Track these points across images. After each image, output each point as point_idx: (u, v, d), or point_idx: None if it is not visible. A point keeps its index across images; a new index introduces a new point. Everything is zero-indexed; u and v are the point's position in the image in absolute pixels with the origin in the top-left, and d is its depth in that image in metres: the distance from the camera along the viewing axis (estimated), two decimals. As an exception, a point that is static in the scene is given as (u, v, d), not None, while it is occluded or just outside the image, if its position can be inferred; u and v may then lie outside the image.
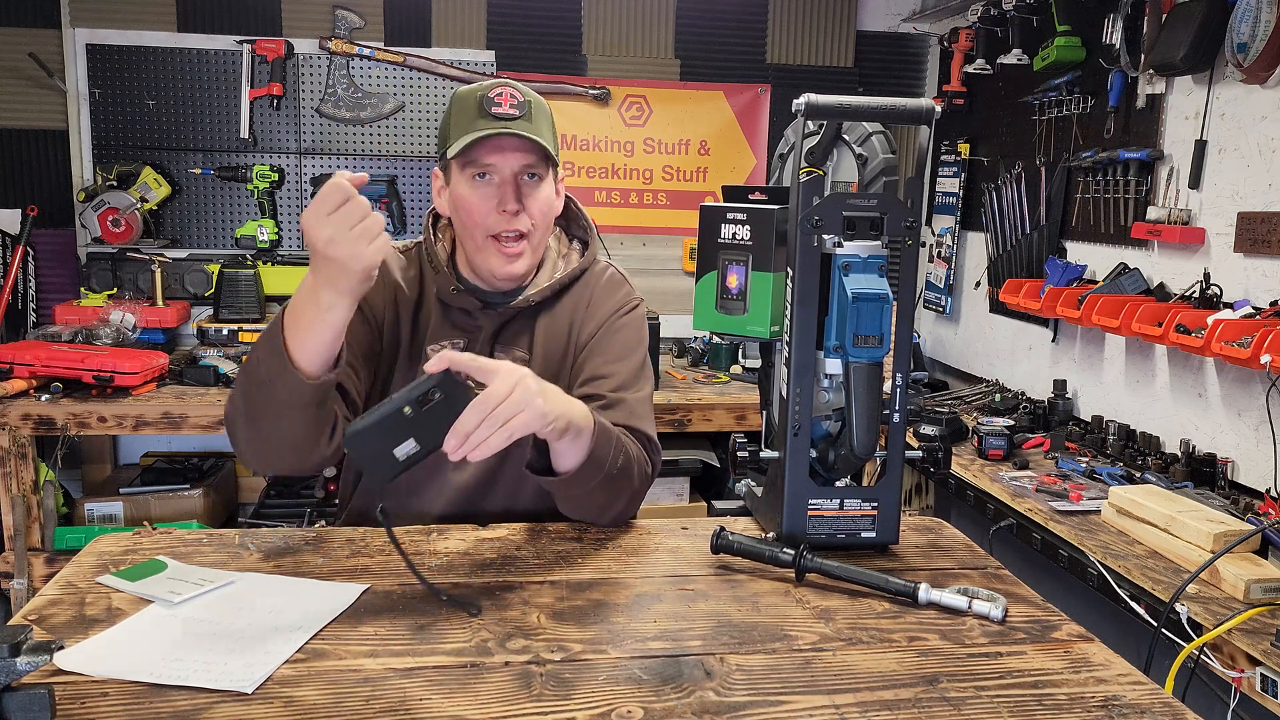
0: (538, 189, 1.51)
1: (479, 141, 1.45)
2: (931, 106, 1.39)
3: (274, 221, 3.53)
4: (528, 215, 1.50)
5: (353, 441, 1.17)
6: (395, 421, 1.16)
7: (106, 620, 1.15)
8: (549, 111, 1.55)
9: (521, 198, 1.48)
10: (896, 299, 1.38)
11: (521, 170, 1.49)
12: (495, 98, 1.46)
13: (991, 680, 1.07)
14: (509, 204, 1.47)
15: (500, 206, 1.48)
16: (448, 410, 1.17)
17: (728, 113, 3.84)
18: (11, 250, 3.38)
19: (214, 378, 3.00)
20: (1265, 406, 2.17)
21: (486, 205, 1.48)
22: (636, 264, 3.84)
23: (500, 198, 1.48)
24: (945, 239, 3.68)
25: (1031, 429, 2.82)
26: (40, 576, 2.86)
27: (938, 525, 1.58)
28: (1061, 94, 2.95)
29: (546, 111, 1.54)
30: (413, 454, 1.17)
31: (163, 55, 3.49)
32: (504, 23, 3.65)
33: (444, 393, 1.17)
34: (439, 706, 0.98)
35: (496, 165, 1.48)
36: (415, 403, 1.16)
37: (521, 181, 1.49)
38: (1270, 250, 2.20)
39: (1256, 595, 1.67)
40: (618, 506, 1.48)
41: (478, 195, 1.48)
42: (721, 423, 3.10)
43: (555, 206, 1.58)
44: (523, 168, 1.49)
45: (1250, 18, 2.17)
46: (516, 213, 1.48)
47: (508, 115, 1.46)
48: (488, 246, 1.50)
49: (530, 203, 1.50)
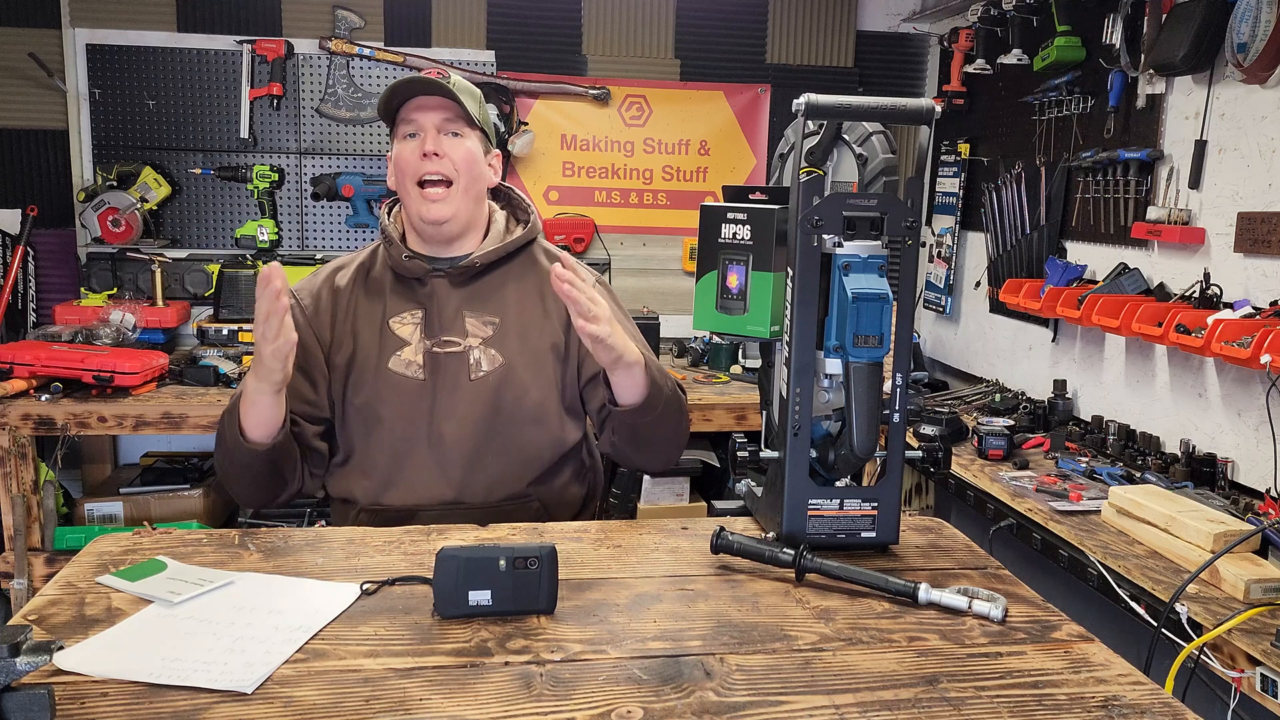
0: (458, 143, 1.69)
1: (404, 101, 1.68)
2: (931, 106, 1.39)
3: (274, 221, 3.53)
4: (449, 161, 1.67)
5: (442, 561, 1.18)
6: (485, 568, 1.18)
7: (106, 620, 1.16)
8: (478, 94, 1.75)
9: (441, 147, 1.67)
10: (896, 299, 1.38)
11: (442, 123, 1.68)
12: (425, 72, 1.69)
13: (991, 680, 1.07)
14: (427, 147, 1.66)
15: (420, 151, 1.66)
16: (534, 582, 1.19)
17: (728, 113, 3.84)
18: (11, 250, 3.38)
19: (214, 378, 3.00)
20: (1265, 406, 2.17)
21: (414, 155, 1.67)
22: (636, 264, 3.84)
23: (422, 145, 1.67)
24: (945, 239, 3.68)
25: (1031, 429, 2.82)
26: (40, 576, 2.86)
27: (938, 525, 1.58)
28: (1061, 94, 2.95)
29: (473, 90, 1.73)
30: (482, 604, 1.18)
31: (163, 55, 3.49)
32: (504, 23, 3.65)
33: (541, 565, 1.19)
34: (439, 706, 0.98)
35: (419, 120, 1.68)
36: (512, 561, 1.18)
37: (443, 133, 1.68)
38: (1270, 250, 2.20)
39: (1256, 595, 1.67)
40: (679, 435, 1.71)
41: (406, 149, 1.69)
42: (721, 423, 3.10)
43: (484, 171, 1.74)
44: (443, 121, 1.68)
45: (1250, 18, 2.17)
46: (437, 156, 1.66)
47: (430, 80, 1.66)
48: (415, 193, 1.68)
49: (450, 149, 1.68)
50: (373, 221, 3.62)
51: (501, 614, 1.19)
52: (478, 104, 1.73)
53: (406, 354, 1.68)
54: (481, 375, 1.68)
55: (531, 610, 1.19)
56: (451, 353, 1.68)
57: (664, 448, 1.70)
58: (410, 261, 1.70)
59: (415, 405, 1.67)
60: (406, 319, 1.70)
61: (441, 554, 1.18)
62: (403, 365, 1.68)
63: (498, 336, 1.70)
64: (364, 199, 3.59)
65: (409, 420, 1.67)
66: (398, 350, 1.68)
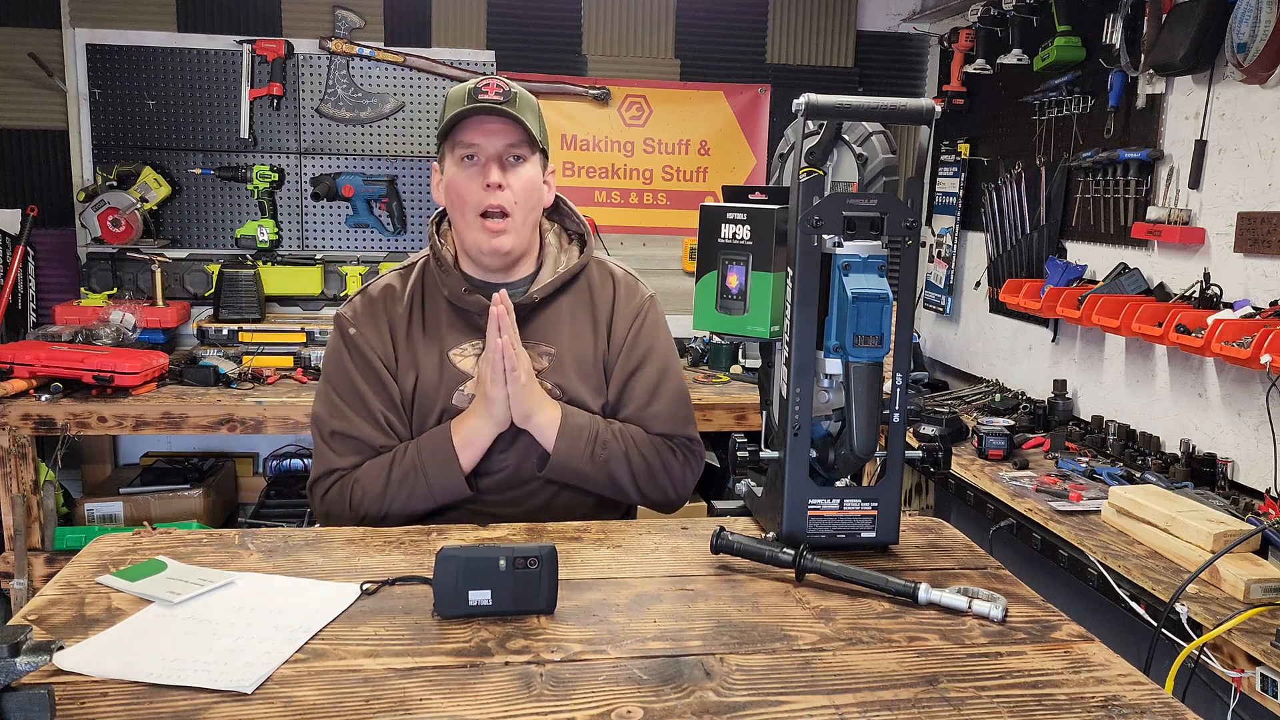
0: (520, 169, 1.61)
1: (465, 123, 1.58)
2: (931, 106, 1.39)
3: (274, 221, 3.53)
4: (510, 192, 1.59)
5: (442, 561, 1.18)
6: (486, 568, 1.18)
7: (106, 620, 1.15)
8: (536, 105, 1.65)
9: (504, 174, 1.58)
10: (896, 299, 1.38)
11: (505, 149, 1.59)
12: (483, 86, 1.58)
13: (991, 680, 1.07)
14: (491, 177, 1.57)
15: (484, 183, 1.58)
16: (534, 582, 1.19)
17: (728, 113, 3.84)
18: (11, 250, 3.38)
19: (214, 378, 3.00)
20: (1265, 406, 2.17)
21: (473, 183, 1.59)
22: (636, 264, 3.83)
23: (484, 174, 1.58)
24: (945, 239, 3.68)
25: (1031, 429, 2.82)
26: (40, 576, 2.86)
27: (938, 525, 1.58)
28: (1061, 94, 2.95)
29: (533, 103, 1.64)
30: (482, 605, 1.18)
31: (163, 55, 3.49)
32: (504, 23, 3.65)
33: (541, 565, 1.19)
34: (439, 706, 0.98)
35: (481, 145, 1.59)
36: (512, 561, 1.18)
37: (505, 161, 1.59)
38: (1270, 250, 2.20)
39: (1256, 595, 1.67)
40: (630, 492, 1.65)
41: (465, 174, 1.59)
42: (721, 423, 3.10)
43: (543, 194, 1.67)
44: (506, 147, 1.59)
45: (1250, 18, 2.17)
46: (500, 188, 1.58)
47: (493, 100, 1.57)
48: (476, 224, 1.60)
49: (513, 180, 1.59)
50: (373, 221, 3.62)
51: (501, 614, 1.19)
52: (539, 119, 1.64)
53: (469, 388, 1.63)
54: None
55: (531, 610, 1.19)
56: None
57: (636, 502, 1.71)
58: (470, 297, 1.63)
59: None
60: (467, 350, 1.65)
61: (441, 554, 1.18)
62: (466, 400, 1.62)
63: (554, 367, 1.66)
64: (364, 199, 3.59)
65: None
66: (460, 385, 1.63)
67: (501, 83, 1.59)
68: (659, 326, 1.76)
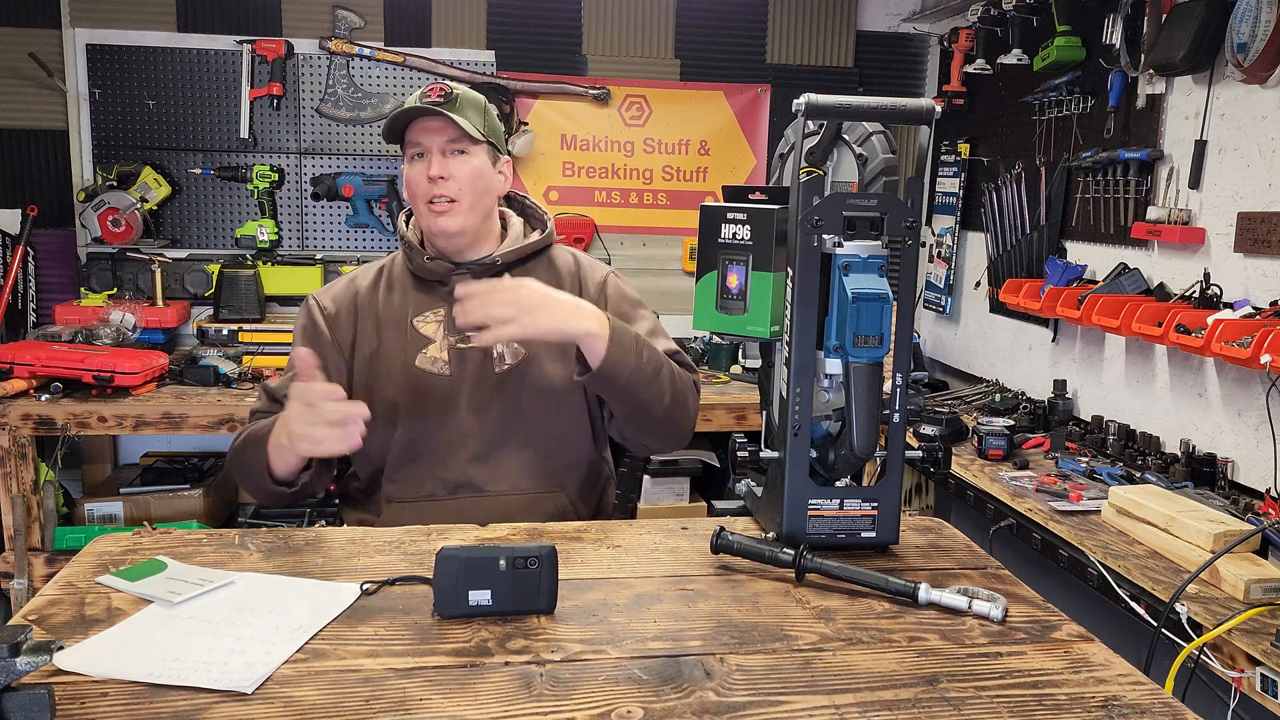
0: (463, 160, 1.72)
1: (411, 125, 1.71)
2: (931, 106, 1.39)
3: (274, 221, 3.53)
4: (454, 181, 1.70)
5: (442, 561, 1.18)
6: (485, 567, 1.18)
7: (106, 620, 1.16)
8: (481, 102, 1.76)
9: (446, 167, 1.70)
10: (896, 299, 1.38)
11: (445, 145, 1.71)
12: (427, 90, 1.70)
13: (991, 680, 1.07)
14: (433, 170, 1.70)
15: (426, 174, 1.70)
16: (534, 582, 1.19)
17: (728, 113, 3.84)
18: (11, 250, 3.38)
19: (214, 378, 3.00)
20: (1265, 406, 2.17)
21: (420, 176, 1.72)
22: (636, 264, 3.84)
23: (428, 168, 1.70)
24: (945, 239, 3.68)
25: (1031, 429, 2.82)
26: (40, 576, 2.86)
27: (938, 525, 1.58)
28: (1061, 94, 2.95)
29: (476, 101, 1.75)
30: (482, 605, 1.18)
31: (163, 55, 3.49)
32: (504, 23, 3.65)
33: (541, 565, 1.19)
34: (439, 706, 0.98)
35: (423, 143, 1.71)
36: (512, 561, 1.18)
37: (448, 155, 1.71)
38: (1270, 250, 2.20)
39: (1256, 595, 1.67)
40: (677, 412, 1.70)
41: (414, 170, 1.73)
42: (721, 423, 3.10)
43: (492, 182, 1.77)
44: (446, 142, 1.71)
45: (1250, 18, 2.17)
46: (443, 180, 1.70)
47: (434, 102, 1.68)
48: (425, 210, 1.72)
49: (455, 169, 1.71)
50: (373, 221, 3.62)
51: (501, 614, 1.19)
52: (482, 116, 1.75)
53: (432, 351, 1.73)
54: (506, 368, 1.72)
55: (531, 610, 1.19)
56: (475, 347, 1.70)
57: (661, 426, 1.70)
58: (433, 263, 1.76)
59: (442, 400, 1.71)
60: (430, 317, 1.75)
61: (441, 554, 1.18)
62: (429, 362, 1.72)
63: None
64: (364, 199, 3.59)
65: (437, 415, 1.70)
66: (423, 348, 1.73)
67: (445, 86, 1.71)
68: (629, 290, 1.86)
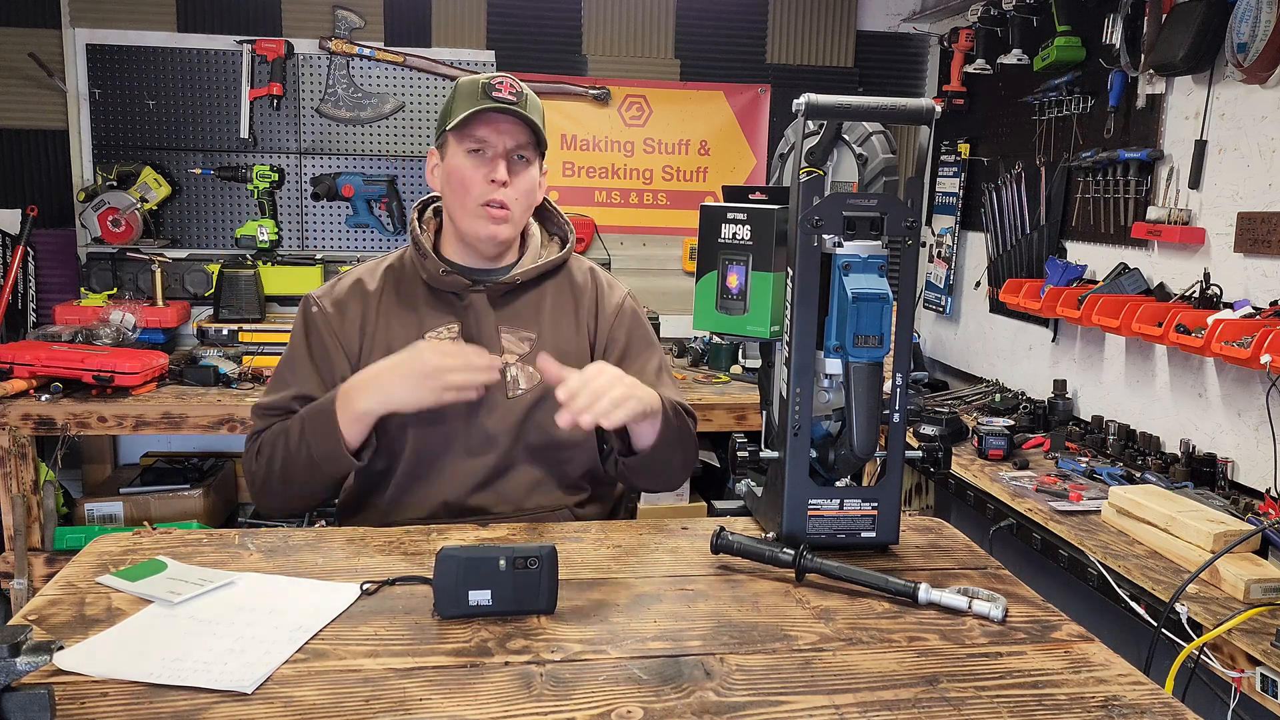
0: (524, 170, 1.65)
1: (478, 117, 1.60)
2: (931, 106, 1.39)
3: (274, 221, 3.53)
4: (513, 189, 1.63)
5: (442, 561, 1.18)
6: (486, 567, 1.18)
7: (106, 620, 1.16)
8: (542, 108, 1.68)
9: (510, 173, 1.63)
10: (896, 299, 1.38)
11: (513, 148, 1.63)
12: (496, 84, 1.61)
13: (991, 680, 1.07)
14: (498, 174, 1.61)
15: (489, 177, 1.62)
16: (534, 582, 1.19)
17: (728, 113, 3.84)
18: (11, 250, 3.38)
19: (214, 378, 3.00)
20: (1265, 406, 2.17)
21: (479, 174, 1.62)
22: (636, 264, 3.84)
23: (490, 169, 1.62)
24: (945, 239, 3.68)
25: (1031, 429, 2.82)
26: (40, 576, 2.86)
27: (938, 525, 1.58)
28: (1061, 94, 2.95)
29: (539, 105, 1.67)
30: (482, 604, 1.18)
31: (163, 55, 3.49)
32: (504, 23, 3.65)
33: (541, 565, 1.19)
34: (439, 706, 0.98)
35: (491, 141, 1.62)
36: (512, 561, 1.18)
37: (512, 160, 1.64)
38: (1270, 250, 2.20)
39: (1256, 595, 1.67)
40: (686, 464, 1.71)
41: (472, 165, 1.63)
42: (721, 423, 3.10)
43: (536, 195, 1.71)
44: (514, 146, 1.63)
45: (1250, 18, 2.17)
46: (504, 184, 1.62)
47: (506, 99, 1.60)
48: (477, 211, 1.63)
49: (516, 180, 1.64)
50: (373, 221, 3.62)
51: (501, 614, 1.19)
52: (543, 120, 1.67)
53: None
54: (519, 393, 1.66)
55: (531, 610, 1.19)
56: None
57: (670, 474, 1.71)
58: (449, 278, 1.66)
59: (453, 421, 1.63)
60: (443, 333, 1.66)
61: (441, 554, 1.18)
62: None
63: (534, 354, 1.65)
64: (364, 199, 3.59)
65: (445, 435, 1.63)
66: None
67: (515, 82, 1.63)
68: (644, 318, 1.83)
